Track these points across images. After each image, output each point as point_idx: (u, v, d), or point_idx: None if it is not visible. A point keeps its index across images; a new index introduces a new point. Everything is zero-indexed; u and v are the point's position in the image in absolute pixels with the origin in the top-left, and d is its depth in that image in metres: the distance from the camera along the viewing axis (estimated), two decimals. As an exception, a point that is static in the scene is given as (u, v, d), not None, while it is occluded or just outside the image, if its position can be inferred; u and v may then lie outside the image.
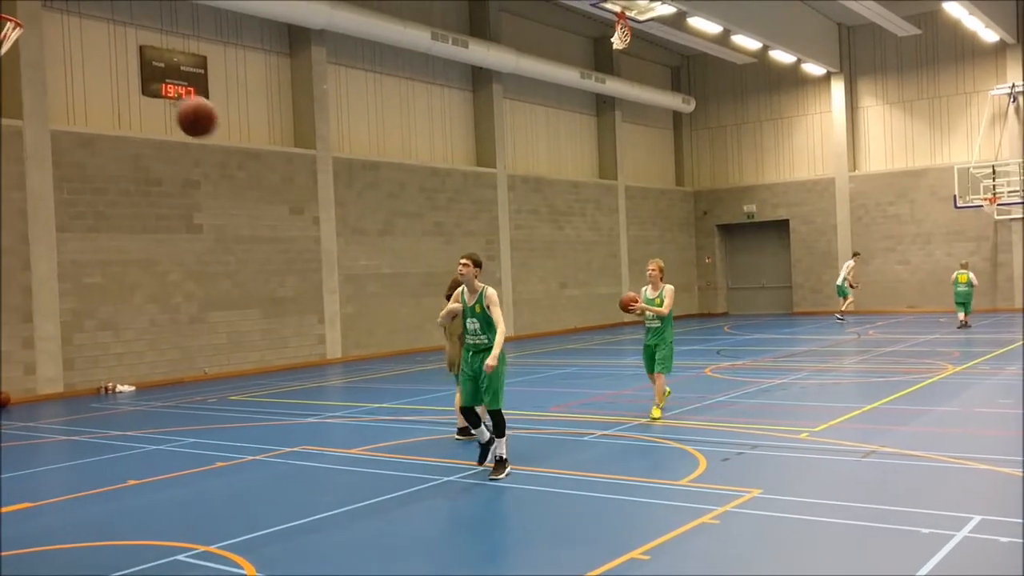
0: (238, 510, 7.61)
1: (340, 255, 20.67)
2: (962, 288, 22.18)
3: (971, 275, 22.32)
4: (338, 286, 20.58)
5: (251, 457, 9.71)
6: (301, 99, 20.38)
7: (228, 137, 19.08)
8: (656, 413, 10.86)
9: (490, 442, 8.38)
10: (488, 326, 8.28)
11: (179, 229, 17.75)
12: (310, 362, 19.85)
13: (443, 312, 8.75)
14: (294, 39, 20.37)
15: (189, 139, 18.10)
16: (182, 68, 18.26)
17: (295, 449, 10.04)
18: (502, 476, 8.06)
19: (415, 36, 21.45)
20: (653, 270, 10.99)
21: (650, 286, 11.01)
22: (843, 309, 25.75)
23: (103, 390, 16.34)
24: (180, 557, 6.22)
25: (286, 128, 20.39)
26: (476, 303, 8.31)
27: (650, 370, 11.11)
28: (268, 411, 13.22)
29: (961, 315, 22.10)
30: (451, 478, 8.25)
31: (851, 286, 25.86)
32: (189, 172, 17.95)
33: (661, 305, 10.81)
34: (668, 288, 10.91)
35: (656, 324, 10.92)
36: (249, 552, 6.26)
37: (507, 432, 8.40)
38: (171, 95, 18.02)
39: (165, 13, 18.14)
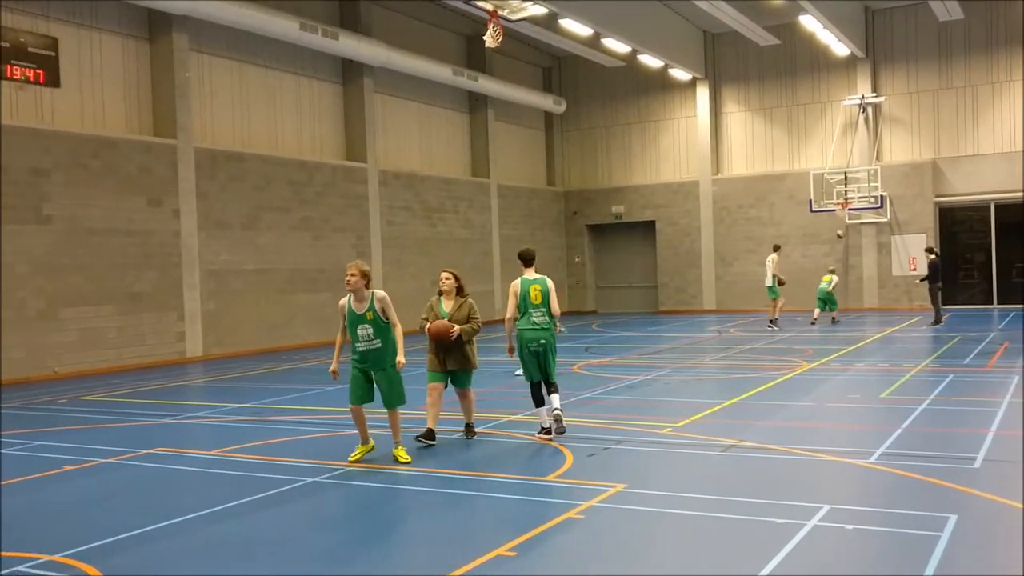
0: (86, 516, 7.21)
1: (201, 249, 19.95)
2: (821, 286, 23.93)
3: (834, 278, 24.08)
4: (199, 282, 19.86)
5: (102, 460, 9.24)
6: (161, 87, 19.56)
7: (81, 124, 18.13)
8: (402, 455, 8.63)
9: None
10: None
11: (26, 220, 16.75)
12: (169, 360, 19.09)
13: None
14: (154, 24, 19.53)
15: (37, 124, 17.20)
16: (30, 49, 17.19)
17: (151, 451, 9.61)
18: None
19: (283, 26, 20.92)
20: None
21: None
22: (775, 315, 22.78)
23: (-61, 391, 15.27)
24: (22, 568, 5.85)
25: (144, 116, 19.53)
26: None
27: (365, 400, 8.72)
28: (123, 412, 12.62)
29: (816, 311, 23.77)
30: (315, 479, 8.06)
31: (780, 283, 22.80)
32: (38, 160, 16.96)
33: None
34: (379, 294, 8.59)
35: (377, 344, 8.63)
36: (98, 560, 5.94)
37: (381, 430, 8.32)
38: (17, 77, 16.98)
39: (12, -10, 17.11)
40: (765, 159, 30.60)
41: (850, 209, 28.00)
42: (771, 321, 22.73)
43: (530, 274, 9.60)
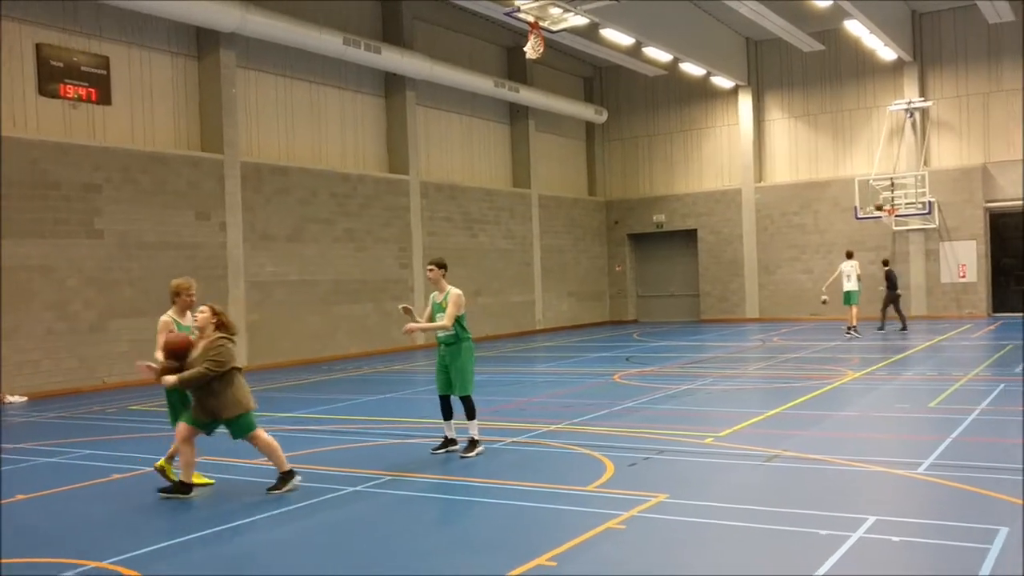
0: (133, 524, 7.34)
1: (247, 262, 20.23)
2: None
3: None
4: (244, 293, 20.13)
5: (149, 469, 9.38)
6: (209, 103, 19.91)
7: (132, 140, 18.51)
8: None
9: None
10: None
11: (79, 234, 17.12)
12: (216, 371, 19.31)
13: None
14: (202, 41, 19.89)
15: (89, 141, 17.59)
16: (83, 68, 17.64)
17: (197, 460, 9.72)
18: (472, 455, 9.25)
19: (327, 41, 21.19)
20: None
21: None
22: (855, 321, 22.53)
23: (-6, 401, 15.63)
24: (68, 574, 5.96)
25: (192, 132, 19.89)
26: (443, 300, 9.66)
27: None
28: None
29: None
30: (356, 488, 8.12)
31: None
32: (90, 176, 17.34)
33: None
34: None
35: None
36: (143, 567, 6.05)
37: (421, 439, 8.36)
38: (70, 96, 17.40)
39: (65, 11, 17.51)
40: (809, 166, 30.28)
41: (897, 215, 27.58)
42: (850, 328, 22.30)
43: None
